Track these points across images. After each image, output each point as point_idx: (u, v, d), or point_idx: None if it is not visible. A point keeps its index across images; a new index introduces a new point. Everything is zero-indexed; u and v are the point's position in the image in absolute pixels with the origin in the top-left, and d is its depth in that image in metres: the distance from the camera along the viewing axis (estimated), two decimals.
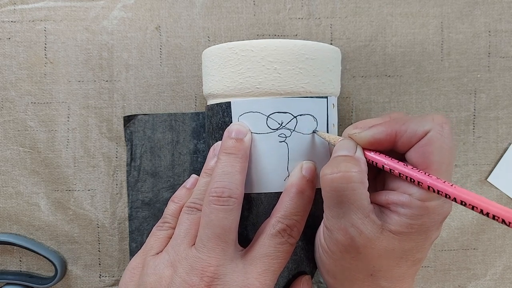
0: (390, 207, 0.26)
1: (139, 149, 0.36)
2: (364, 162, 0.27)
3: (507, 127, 0.38)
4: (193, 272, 0.27)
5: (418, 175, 0.25)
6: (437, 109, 0.38)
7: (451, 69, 0.38)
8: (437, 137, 0.25)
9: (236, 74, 0.30)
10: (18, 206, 0.37)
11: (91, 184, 0.37)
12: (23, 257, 0.38)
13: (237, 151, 0.29)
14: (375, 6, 0.38)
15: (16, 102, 0.37)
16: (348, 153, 0.27)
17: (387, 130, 0.26)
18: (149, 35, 0.37)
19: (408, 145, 0.26)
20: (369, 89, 0.38)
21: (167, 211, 0.32)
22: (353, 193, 0.26)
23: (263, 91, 0.29)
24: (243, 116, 0.30)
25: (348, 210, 0.26)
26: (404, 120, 0.26)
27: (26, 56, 0.37)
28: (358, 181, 0.26)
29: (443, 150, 0.25)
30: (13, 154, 0.37)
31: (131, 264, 0.30)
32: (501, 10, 0.38)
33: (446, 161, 0.25)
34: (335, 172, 0.26)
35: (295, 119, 0.29)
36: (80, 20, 0.37)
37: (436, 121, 0.26)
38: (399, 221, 0.26)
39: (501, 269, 0.39)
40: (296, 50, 0.29)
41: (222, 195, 0.28)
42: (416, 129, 0.26)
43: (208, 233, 0.28)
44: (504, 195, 0.39)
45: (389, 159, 0.26)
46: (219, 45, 0.30)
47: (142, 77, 0.37)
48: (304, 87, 0.30)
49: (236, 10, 0.37)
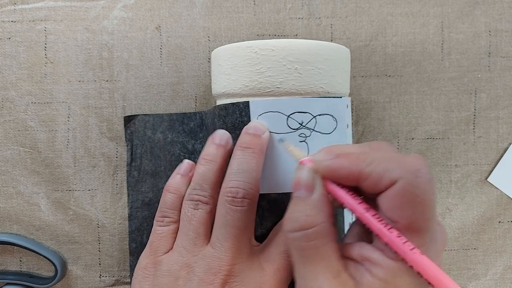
0: (364, 264, 0.23)
1: (139, 149, 0.36)
2: (326, 203, 0.24)
3: (508, 127, 0.38)
4: (210, 271, 0.27)
5: (377, 225, 0.22)
6: (438, 109, 0.38)
7: (452, 69, 0.38)
8: (406, 189, 0.21)
9: (255, 73, 0.29)
10: (19, 206, 0.37)
11: (91, 184, 0.37)
12: (23, 257, 0.38)
13: (253, 145, 0.28)
14: (375, 6, 0.38)
15: (16, 102, 0.37)
16: (305, 193, 0.24)
17: (349, 167, 0.23)
18: (150, 35, 0.37)
19: (374, 190, 0.22)
20: (369, 89, 0.38)
21: (164, 203, 0.31)
22: (316, 252, 0.23)
23: (284, 91, 0.29)
24: (262, 116, 0.29)
25: (314, 271, 0.23)
26: (371, 159, 0.22)
27: (27, 56, 0.37)
28: (321, 237, 0.23)
29: (416, 204, 0.21)
30: (13, 154, 0.37)
31: (140, 263, 0.30)
32: (502, 10, 0.38)
33: (421, 217, 0.21)
34: (296, 229, 0.23)
35: (314, 119, 0.29)
36: (81, 20, 0.37)
37: (408, 167, 0.21)
38: (373, 283, 0.22)
39: (502, 269, 0.39)
40: (316, 50, 0.29)
41: (236, 195, 0.27)
42: (382, 175, 0.22)
43: (225, 233, 0.28)
44: (504, 195, 0.39)
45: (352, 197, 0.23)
46: (236, 44, 0.30)
47: (142, 77, 0.37)
48: (323, 87, 0.30)
49: (237, 10, 0.37)
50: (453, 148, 0.38)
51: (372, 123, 0.38)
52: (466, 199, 0.39)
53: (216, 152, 0.30)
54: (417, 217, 0.21)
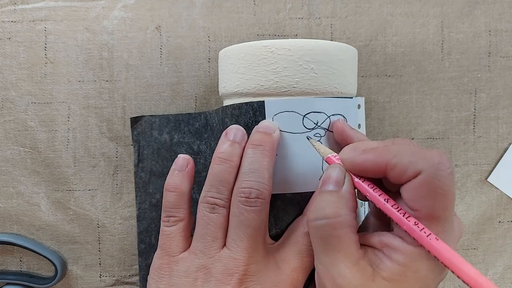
0: (384, 251, 0.24)
1: (146, 150, 0.35)
2: (352, 198, 0.25)
3: (508, 126, 0.38)
4: (227, 271, 0.27)
5: (397, 214, 0.23)
6: (438, 109, 0.38)
7: (452, 69, 0.38)
8: (429, 180, 0.22)
9: (271, 73, 0.29)
10: (19, 206, 0.37)
11: (91, 184, 0.37)
12: (24, 257, 0.38)
13: (264, 143, 0.28)
14: (375, 5, 0.38)
15: (16, 102, 0.37)
16: (334, 187, 0.25)
17: (376, 159, 0.24)
18: (150, 35, 0.37)
19: (399, 181, 0.24)
20: (369, 89, 0.38)
21: (167, 203, 0.30)
22: (339, 241, 0.24)
23: (300, 91, 0.29)
24: (278, 115, 0.29)
25: (335, 258, 0.24)
26: (396, 152, 0.24)
27: (27, 56, 0.37)
28: (344, 227, 0.24)
29: (437, 195, 0.23)
30: (13, 154, 0.37)
31: (154, 264, 0.30)
32: (502, 9, 0.38)
33: (441, 206, 0.23)
34: (320, 218, 0.25)
35: (328, 118, 0.30)
36: (81, 20, 0.37)
37: (431, 161, 0.23)
38: (392, 268, 0.23)
39: (502, 269, 0.39)
40: (331, 51, 0.29)
41: (250, 196, 0.27)
42: (407, 167, 0.23)
43: (240, 234, 0.28)
44: (504, 195, 0.39)
45: (374, 190, 0.25)
46: (249, 43, 0.30)
47: (142, 77, 0.37)
48: (336, 87, 0.30)
49: (237, 10, 0.37)
50: (453, 148, 0.38)
51: (372, 123, 0.38)
52: (466, 199, 0.39)
53: (231, 150, 0.29)
54: (437, 207, 0.23)
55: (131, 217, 0.37)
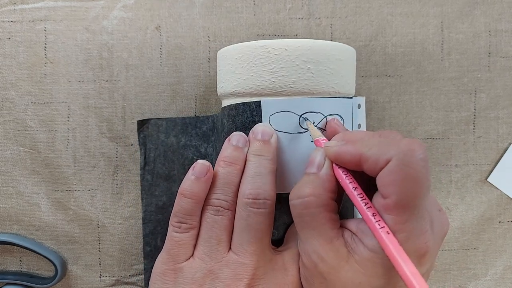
0: (358, 235, 0.25)
1: (152, 153, 0.35)
2: (330, 179, 0.26)
3: (508, 127, 0.38)
4: (236, 277, 0.27)
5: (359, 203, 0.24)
6: (437, 109, 0.38)
7: (451, 69, 0.38)
8: (398, 166, 0.22)
9: (268, 73, 0.29)
10: (19, 206, 0.37)
11: (91, 184, 0.37)
12: (24, 257, 0.38)
13: (266, 153, 0.29)
14: (375, 6, 0.38)
15: (16, 102, 0.37)
16: (315, 170, 0.26)
17: (351, 151, 0.25)
18: (149, 35, 0.37)
19: (373, 173, 0.24)
20: (369, 89, 0.38)
21: (180, 208, 0.29)
22: (312, 219, 0.25)
23: (296, 91, 0.29)
24: (274, 115, 0.29)
25: (310, 235, 0.26)
26: (371, 145, 0.24)
27: (26, 56, 0.37)
28: (317, 206, 0.25)
29: (407, 181, 0.22)
30: (13, 154, 0.37)
31: (158, 269, 0.29)
32: (501, 10, 0.38)
33: (410, 193, 0.22)
34: (295, 197, 0.26)
35: (325, 118, 0.30)
36: (80, 20, 0.37)
37: (402, 148, 0.23)
38: (363, 252, 0.24)
39: (502, 269, 0.39)
40: (328, 51, 0.29)
41: (257, 197, 0.28)
42: (379, 156, 0.23)
43: (248, 238, 0.28)
44: (504, 195, 0.39)
45: (346, 178, 0.25)
46: (247, 43, 0.30)
47: (142, 77, 0.37)
48: (334, 87, 0.30)
49: (236, 10, 0.37)
50: (453, 148, 0.38)
51: (372, 123, 0.38)
52: (466, 199, 0.39)
53: (236, 154, 0.29)
54: (407, 193, 0.23)
55: (131, 217, 0.37)
